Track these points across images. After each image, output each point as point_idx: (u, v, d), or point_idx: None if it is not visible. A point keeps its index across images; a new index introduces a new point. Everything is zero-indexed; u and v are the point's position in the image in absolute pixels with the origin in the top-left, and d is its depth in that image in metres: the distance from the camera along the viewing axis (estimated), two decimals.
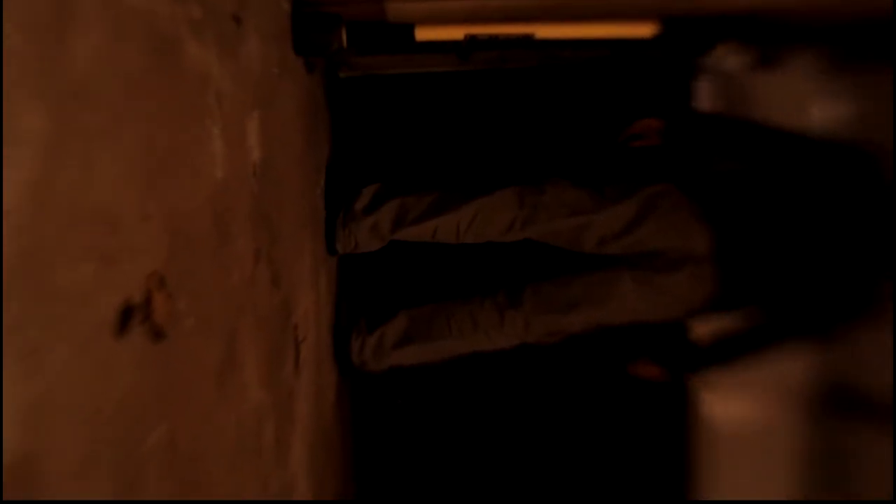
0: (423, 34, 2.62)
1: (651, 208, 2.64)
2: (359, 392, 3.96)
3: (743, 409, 4.07)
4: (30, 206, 0.73)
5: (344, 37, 2.48)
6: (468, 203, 2.67)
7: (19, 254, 0.71)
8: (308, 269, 2.40)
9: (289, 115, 2.22)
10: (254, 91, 1.74)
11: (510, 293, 2.80)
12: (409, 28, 2.62)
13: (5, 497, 0.68)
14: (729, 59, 3.33)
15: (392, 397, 4.37)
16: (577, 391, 4.38)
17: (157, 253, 1.06)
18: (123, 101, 0.97)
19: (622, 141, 2.90)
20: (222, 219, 1.41)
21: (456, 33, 2.63)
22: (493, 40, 2.65)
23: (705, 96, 3.68)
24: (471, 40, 2.64)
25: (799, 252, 2.56)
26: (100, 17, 0.90)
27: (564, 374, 4.30)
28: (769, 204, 2.61)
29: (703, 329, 2.99)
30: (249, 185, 1.64)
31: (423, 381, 4.26)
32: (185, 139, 1.22)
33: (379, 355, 2.83)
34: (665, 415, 4.21)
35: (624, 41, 2.76)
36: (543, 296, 2.78)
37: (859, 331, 2.96)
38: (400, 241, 2.82)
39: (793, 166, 2.62)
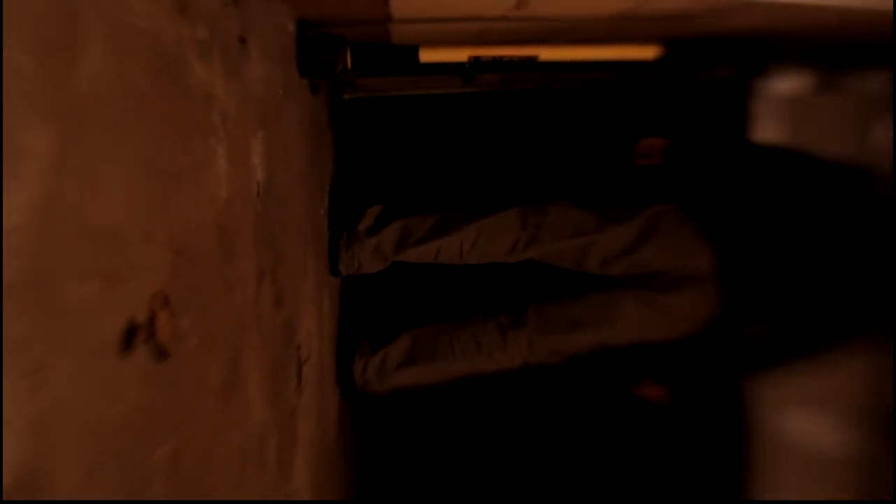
0: (427, 56, 2.63)
1: (653, 228, 2.67)
2: (362, 414, 3.95)
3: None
4: (35, 224, 0.74)
5: (349, 58, 2.50)
6: (471, 224, 2.69)
7: (24, 270, 0.72)
8: (311, 289, 2.40)
9: (293, 135, 2.23)
10: (258, 111, 1.75)
11: (513, 314, 2.81)
12: (413, 49, 2.63)
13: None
14: (783, 81, 3.36)
15: (395, 420, 4.35)
16: (583, 412, 4.39)
17: (161, 272, 1.06)
18: (129, 120, 0.98)
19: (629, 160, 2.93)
20: (226, 238, 1.41)
21: (460, 55, 2.64)
22: (498, 62, 2.66)
23: (760, 119, 3.66)
24: (475, 62, 2.66)
25: (802, 271, 2.57)
26: (105, 37, 0.91)
27: (569, 394, 4.29)
28: (772, 223, 2.61)
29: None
30: (253, 205, 1.65)
31: (426, 404, 4.24)
32: (190, 159, 1.23)
33: (382, 376, 2.83)
34: (671, 434, 4.21)
35: (627, 63, 2.77)
36: (547, 316, 2.78)
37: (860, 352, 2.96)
38: (403, 262, 2.83)
39: (796, 185, 2.63)
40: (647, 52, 2.64)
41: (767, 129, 3.63)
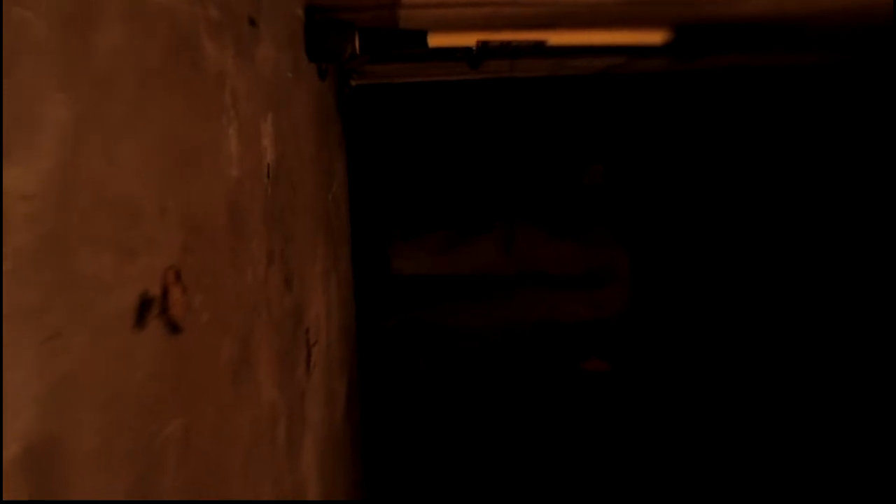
0: (435, 41, 2.63)
1: (588, 241, 3.93)
2: (369, 398, 3.99)
3: None
4: (52, 193, 0.75)
5: (357, 43, 2.50)
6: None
7: (42, 239, 0.73)
8: (320, 272, 2.41)
9: (301, 119, 2.24)
10: (268, 94, 1.76)
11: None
12: (422, 34, 2.63)
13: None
14: None
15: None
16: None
17: (174, 247, 1.07)
18: (144, 95, 0.98)
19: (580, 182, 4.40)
20: (237, 217, 1.42)
21: (468, 40, 2.64)
22: (506, 47, 2.66)
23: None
24: (483, 47, 2.66)
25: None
26: (122, 13, 0.92)
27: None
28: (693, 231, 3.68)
29: None
30: (263, 186, 1.66)
31: (432, 391, 4.36)
32: (202, 136, 1.23)
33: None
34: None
35: (636, 48, 2.77)
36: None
37: None
38: None
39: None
40: (656, 38, 2.63)
41: None
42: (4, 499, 0.69)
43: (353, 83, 3.78)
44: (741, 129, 4.92)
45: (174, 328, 1.06)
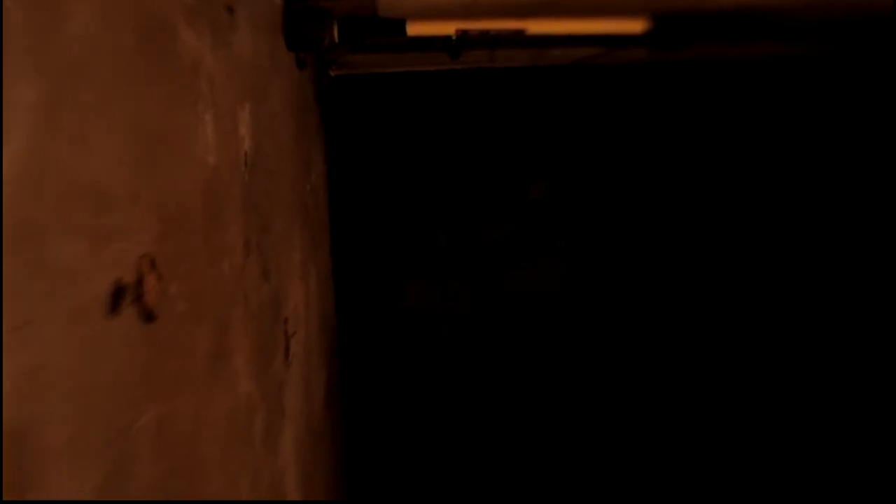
0: (414, 29, 2.62)
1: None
2: (350, 388, 3.98)
3: None
4: (24, 178, 0.73)
5: (335, 32, 2.48)
6: None
7: (13, 225, 0.71)
8: (298, 263, 2.40)
9: (279, 109, 2.22)
10: (246, 82, 1.74)
11: None
12: (400, 23, 2.62)
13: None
14: None
15: (381, 396, 4.50)
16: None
17: (148, 234, 1.05)
18: (117, 80, 0.97)
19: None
20: (213, 205, 1.41)
21: (447, 28, 2.63)
22: (485, 35, 2.65)
23: None
24: (462, 36, 2.64)
25: None
26: None
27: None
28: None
29: None
30: (241, 174, 1.64)
31: (413, 383, 4.35)
32: (177, 122, 1.22)
33: None
34: None
35: (615, 37, 2.76)
36: None
37: None
38: None
39: None
40: (635, 26, 2.63)
41: None
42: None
43: (333, 73, 3.76)
44: (726, 122, 4.93)
45: (149, 316, 1.04)
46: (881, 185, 4.69)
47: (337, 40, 2.50)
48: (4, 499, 0.68)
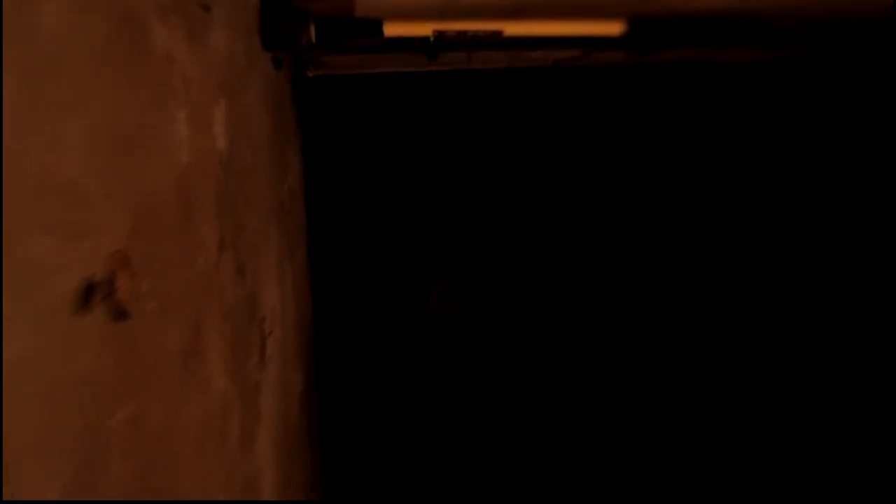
0: (391, 30, 2.62)
1: None
2: (328, 392, 3.97)
3: None
4: None
5: (312, 32, 2.48)
6: None
7: None
8: (274, 263, 2.39)
9: (255, 108, 2.21)
10: (221, 81, 1.73)
11: None
12: (377, 23, 2.62)
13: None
14: None
15: (358, 398, 4.47)
16: None
17: (120, 231, 1.05)
18: (89, 77, 0.96)
19: None
20: (187, 203, 1.40)
21: (424, 29, 2.63)
22: (462, 37, 2.65)
23: None
24: (439, 37, 2.65)
25: None
26: None
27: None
28: None
29: None
30: (215, 173, 1.64)
31: (390, 384, 4.35)
32: (150, 120, 1.21)
33: None
34: None
35: (592, 39, 2.78)
36: None
37: None
38: None
39: None
40: (612, 28, 2.64)
41: None
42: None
43: (310, 74, 3.75)
44: (707, 125, 4.95)
45: (121, 314, 1.04)
46: (872, 186, 4.71)
47: (314, 40, 2.50)
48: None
